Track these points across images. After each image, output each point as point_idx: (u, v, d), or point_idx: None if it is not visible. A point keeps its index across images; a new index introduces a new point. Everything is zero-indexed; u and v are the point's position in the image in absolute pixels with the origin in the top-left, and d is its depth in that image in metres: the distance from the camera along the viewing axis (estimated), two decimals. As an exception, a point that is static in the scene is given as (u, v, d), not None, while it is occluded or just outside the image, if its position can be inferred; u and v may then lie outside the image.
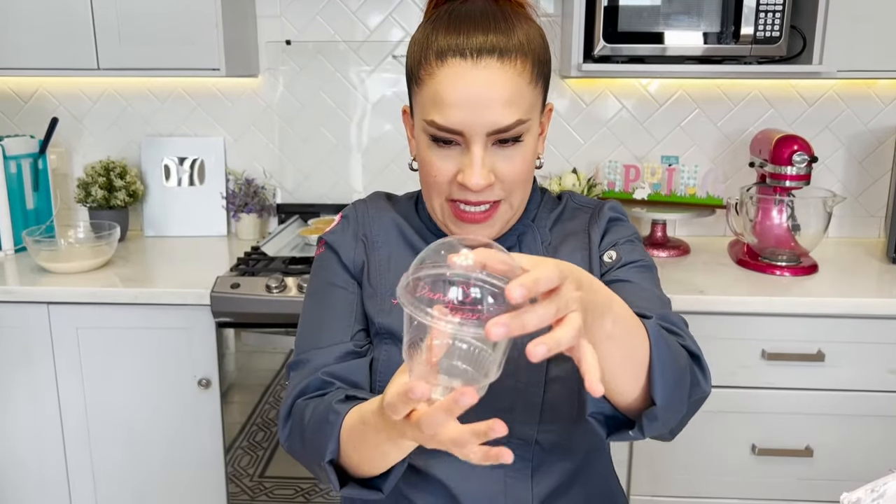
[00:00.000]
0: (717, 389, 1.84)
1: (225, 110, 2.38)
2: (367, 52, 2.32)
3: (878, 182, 2.32)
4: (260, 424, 1.95)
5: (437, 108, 0.87)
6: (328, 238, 1.03)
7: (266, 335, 1.88)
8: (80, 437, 1.97)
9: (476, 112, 0.85)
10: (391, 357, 0.94)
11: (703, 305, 1.80)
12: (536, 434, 0.92)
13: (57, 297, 1.89)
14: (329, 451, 0.82)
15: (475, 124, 0.86)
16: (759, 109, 2.29)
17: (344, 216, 1.04)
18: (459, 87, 0.86)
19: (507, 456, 0.66)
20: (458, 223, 0.92)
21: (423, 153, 0.91)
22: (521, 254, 0.65)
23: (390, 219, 1.02)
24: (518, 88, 0.87)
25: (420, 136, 0.92)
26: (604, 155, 2.34)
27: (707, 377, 0.86)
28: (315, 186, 2.42)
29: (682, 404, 0.81)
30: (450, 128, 0.86)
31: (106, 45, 2.03)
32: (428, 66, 0.88)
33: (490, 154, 0.88)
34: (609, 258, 0.96)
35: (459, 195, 0.90)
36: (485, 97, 0.85)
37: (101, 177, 2.26)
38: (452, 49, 0.87)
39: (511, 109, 0.86)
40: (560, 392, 0.92)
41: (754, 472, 1.90)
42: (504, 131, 0.87)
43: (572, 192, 1.06)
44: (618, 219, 1.01)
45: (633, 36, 1.96)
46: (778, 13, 1.92)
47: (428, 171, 0.91)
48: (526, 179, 0.91)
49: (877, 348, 1.82)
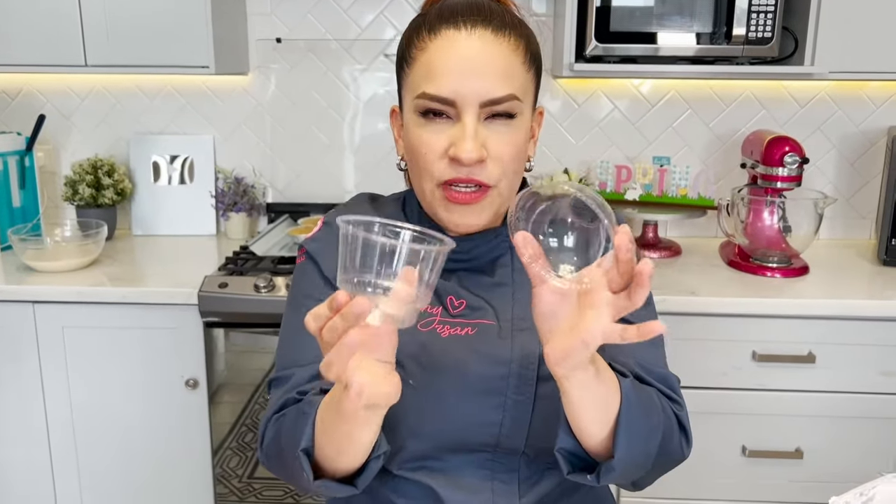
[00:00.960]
0: (708, 391, 1.84)
1: (215, 108, 2.37)
2: (358, 50, 2.31)
3: (869, 184, 2.32)
4: (249, 425, 1.94)
5: (428, 78, 0.86)
6: (309, 247, 0.99)
7: (254, 335, 1.87)
8: (66, 437, 1.95)
9: (469, 80, 0.84)
10: None
11: (694, 307, 1.80)
12: (524, 447, 0.91)
13: (43, 297, 1.87)
14: (304, 439, 0.80)
15: (468, 93, 0.84)
16: (750, 110, 2.29)
17: (326, 222, 1.01)
18: (452, 54, 0.85)
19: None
20: (449, 206, 0.89)
21: (413, 135, 0.89)
22: None
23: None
24: (511, 64, 0.87)
25: (410, 118, 0.90)
26: (595, 155, 2.33)
27: (690, 444, 0.89)
28: (306, 185, 2.40)
29: (646, 462, 0.82)
30: (442, 96, 0.85)
31: (94, 41, 2.01)
32: (420, 42, 0.88)
33: (482, 128, 0.86)
34: None
35: (451, 173, 0.87)
36: (478, 66, 0.84)
37: (89, 175, 2.24)
38: (445, 22, 0.87)
39: (504, 82, 0.85)
40: (549, 408, 0.90)
41: (745, 473, 1.90)
42: (497, 103, 0.85)
43: None
44: None
45: (625, 36, 1.95)
46: (770, 14, 1.92)
47: (418, 151, 0.88)
48: (516, 167, 0.90)
49: (867, 350, 1.82)
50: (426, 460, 0.92)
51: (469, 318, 0.92)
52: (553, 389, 0.89)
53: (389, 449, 0.83)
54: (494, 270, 0.95)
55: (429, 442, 0.90)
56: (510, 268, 0.95)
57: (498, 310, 0.93)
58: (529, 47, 0.90)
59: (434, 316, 0.92)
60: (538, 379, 0.90)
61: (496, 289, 0.94)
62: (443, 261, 0.69)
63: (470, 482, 0.91)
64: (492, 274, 0.95)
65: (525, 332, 0.91)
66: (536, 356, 0.90)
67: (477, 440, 0.90)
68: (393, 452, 0.90)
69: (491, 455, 0.91)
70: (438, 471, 0.92)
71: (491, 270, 0.95)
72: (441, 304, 0.93)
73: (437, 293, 0.93)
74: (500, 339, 0.91)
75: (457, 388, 0.89)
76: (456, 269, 0.95)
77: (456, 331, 0.91)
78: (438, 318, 0.92)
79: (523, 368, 0.90)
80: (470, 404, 0.89)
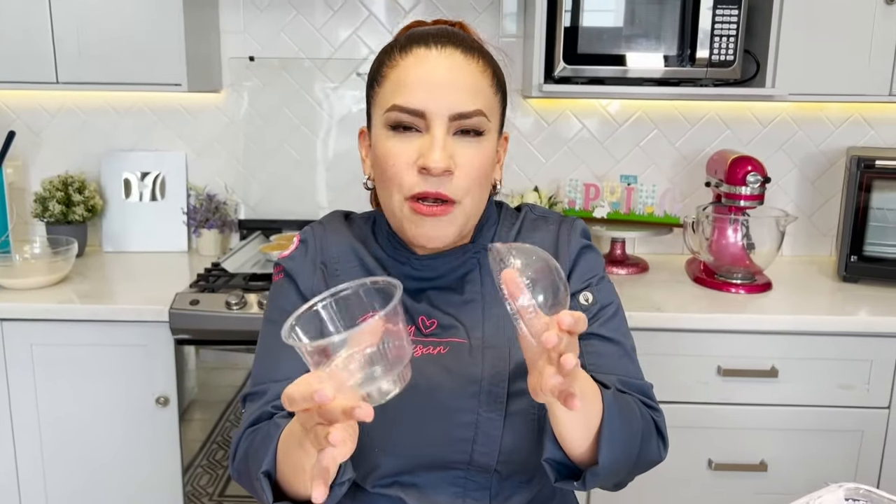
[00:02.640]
0: (674, 405, 1.88)
1: (187, 125, 2.37)
2: (331, 68, 2.33)
3: (829, 202, 2.38)
4: (220, 442, 1.93)
5: (399, 91, 0.88)
6: (286, 265, 1.01)
7: (225, 352, 1.87)
8: (34, 456, 1.93)
9: (438, 94, 0.87)
10: None
11: (660, 322, 1.83)
12: (496, 464, 0.93)
13: (11, 314, 1.86)
14: (266, 462, 0.82)
15: (438, 105, 0.87)
16: (715, 130, 2.35)
17: (302, 240, 1.02)
18: (422, 70, 0.88)
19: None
20: (416, 219, 0.90)
21: (382, 149, 0.91)
22: None
23: (347, 244, 1.01)
24: (479, 83, 0.90)
25: (379, 133, 0.92)
26: (565, 173, 2.38)
27: (666, 447, 0.94)
28: (278, 202, 2.41)
29: (628, 465, 0.86)
30: (412, 108, 0.87)
31: (65, 58, 2.01)
32: (391, 62, 0.91)
33: (451, 142, 0.88)
34: (585, 300, 0.97)
35: (420, 186, 0.88)
36: (447, 80, 0.87)
37: (59, 191, 2.23)
38: (417, 43, 0.90)
39: (473, 98, 0.88)
40: (520, 426, 0.92)
41: (711, 486, 1.93)
42: (465, 117, 0.88)
43: (531, 205, 1.07)
44: (589, 247, 1.01)
45: (592, 58, 2.00)
46: (732, 38, 1.97)
47: (386, 164, 0.90)
48: (481, 185, 0.92)
49: (828, 364, 1.87)
50: (400, 476, 0.93)
51: (441, 336, 0.95)
52: (523, 406, 0.91)
53: (354, 476, 0.84)
54: (464, 287, 0.97)
55: (402, 459, 0.92)
56: (479, 283, 0.97)
57: (469, 327, 0.95)
58: (496, 73, 0.93)
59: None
60: (508, 396, 0.92)
61: (466, 306, 0.96)
62: (399, 305, 0.71)
63: (442, 500, 0.93)
64: (461, 291, 0.97)
65: (494, 349, 0.93)
66: (506, 374, 0.92)
67: (450, 458, 0.92)
68: (367, 470, 0.92)
69: (464, 472, 0.93)
70: (411, 486, 0.94)
71: (461, 288, 0.97)
72: (413, 323, 0.95)
73: (410, 313, 0.95)
74: (471, 358, 0.93)
75: (429, 407, 0.91)
76: (426, 289, 0.97)
77: (429, 350, 0.94)
78: (411, 338, 0.94)
79: (494, 386, 0.92)
80: (442, 422, 0.91)
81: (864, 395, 1.87)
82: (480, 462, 0.92)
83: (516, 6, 2.30)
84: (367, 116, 0.98)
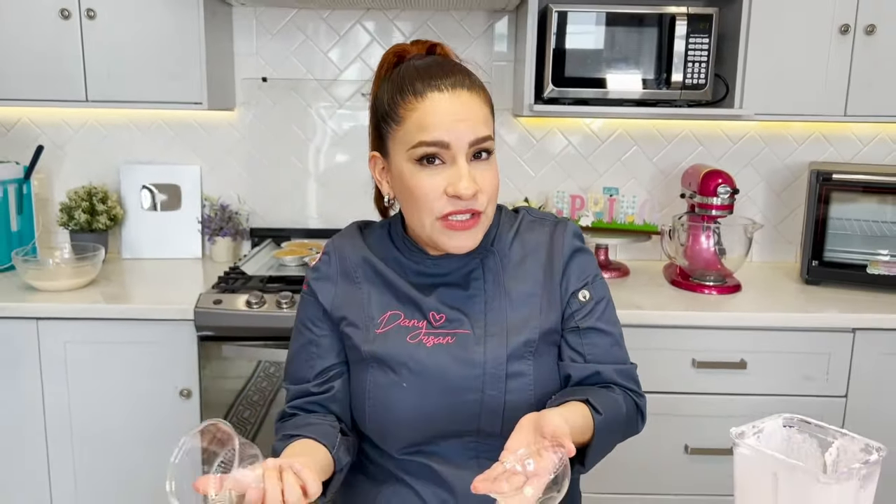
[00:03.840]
0: (653, 395, 2.04)
1: (202, 140, 2.55)
2: (336, 89, 2.52)
3: (794, 212, 2.60)
4: (234, 423, 2.07)
5: (423, 130, 1.04)
6: (310, 276, 1.19)
7: (244, 347, 2.03)
8: (64, 446, 2.08)
9: (459, 127, 1.04)
10: (376, 380, 1.12)
11: (640, 319, 2.03)
12: (500, 431, 1.10)
13: (46, 314, 2.01)
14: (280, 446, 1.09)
15: (460, 137, 1.03)
16: (689, 147, 2.57)
17: (326, 252, 1.19)
18: (441, 110, 1.04)
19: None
20: (450, 233, 1.06)
21: (411, 181, 1.06)
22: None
23: (363, 257, 1.17)
24: (484, 112, 1.08)
25: (404, 167, 1.06)
26: (552, 186, 2.58)
27: (644, 421, 1.17)
28: (286, 212, 2.60)
29: (609, 451, 1.09)
30: (438, 141, 1.03)
31: (95, 78, 2.18)
32: (406, 104, 1.06)
33: (471, 167, 1.05)
34: (584, 297, 1.15)
35: (450, 207, 1.05)
36: (464, 115, 1.04)
37: (84, 201, 2.39)
38: (429, 87, 1.05)
39: (484, 125, 1.06)
40: (518, 401, 1.10)
41: (687, 469, 2.12)
42: (482, 141, 1.05)
43: (528, 207, 1.25)
44: (581, 249, 1.18)
45: (578, 81, 2.20)
46: (703, 63, 2.19)
47: (418, 195, 1.05)
48: (496, 195, 1.10)
49: (791, 357, 2.07)
50: (421, 446, 1.12)
51: (448, 328, 1.12)
52: (520, 385, 1.10)
53: (350, 461, 1.10)
54: (469, 284, 1.14)
55: (421, 432, 1.11)
56: (482, 280, 1.14)
57: (472, 319, 1.12)
58: (489, 99, 1.12)
59: (420, 329, 1.12)
60: (507, 376, 1.10)
61: (470, 300, 1.13)
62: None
63: (459, 461, 1.12)
64: (466, 287, 1.14)
65: (495, 336, 1.11)
66: (504, 358, 1.10)
67: (461, 428, 1.11)
68: (393, 442, 1.12)
69: (474, 438, 1.12)
70: (432, 453, 1.12)
71: (466, 284, 1.14)
72: (425, 318, 1.13)
73: (421, 309, 1.13)
74: (475, 346, 1.11)
75: (441, 388, 1.09)
76: (437, 284, 1.14)
77: (438, 340, 1.11)
78: (424, 331, 1.11)
79: (494, 369, 1.10)
80: (451, 401, 1.09)
81: (823, 385, 2.07)
82: (487, 430, 1.11)
83: (506, 33, 2.50)
84: (378, 143, 1.14)
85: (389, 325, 1.12)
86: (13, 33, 2.15)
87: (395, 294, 1.14)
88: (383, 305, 1.13)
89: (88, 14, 2.15)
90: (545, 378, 1.12)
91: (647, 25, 2.18)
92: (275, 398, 2.07)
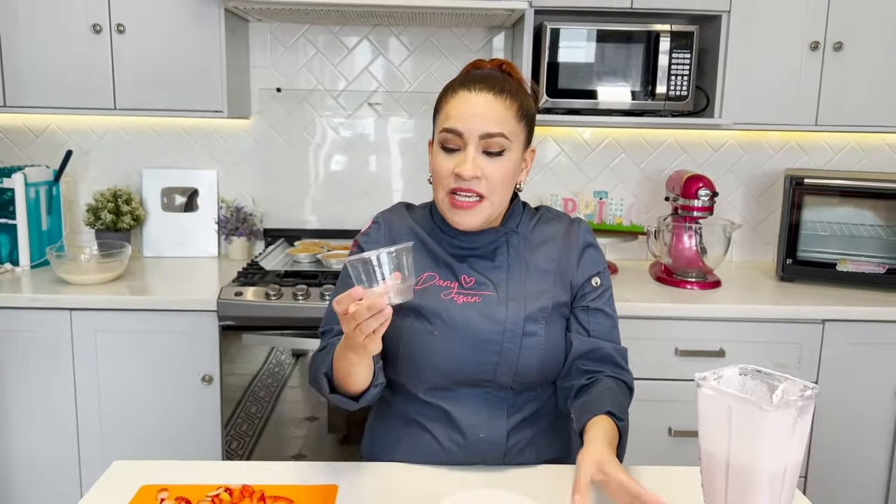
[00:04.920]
0: (640, 381, 2.17)
1: (219, 146, 2.72)
2: (346, 99, 2.71)
3: (771, 215, 2.79)
4: (252, 400, 2.22)
5: (448, 119, 1.27)
6: (361, 240, 1.38)
7: (262, 335, 2.20)
8: (94, 429, 2.24)
9: (472, 121, 1.25)
10: (412, 327, 1.30)
11: (628, 311, 2.20)
12: (511, 382, 1.30)
13: (78, 304, 2.18)
14: (325, 366, 1.23)
15: (472, 129, 1.25)
16: (673, 154, 2.76)
17: (375, 221, 1.40)
18: (463, 106, 1.27)
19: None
20: (453, 210, 1.28)
21: (434, 160, 1.29)
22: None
23: (408, 225, 1.38)
24: (504, 115, 1.27)
25: (436, 149, 1.29)
26: (546, 190, 2.76)
27: (632, 395, 1.37)
28: (298, 213, 2.77)
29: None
30: (454, 129, 1.25)
31: (123, 88, 2.36)
32: (446, 99, 1.30)
33: (480, 158, 1.25)
34: (595, 283, 1.37)
35: (455, 184, 1.26)
36: (479, 112, 1.25)
37: (110, 202, 2.56)
38: (463, 87, 1.29)
39: (497, 124, 1.26)
40: (530, 357, 1.30)
41: (672, 449, 2.29)
42: (491, 136, 1.25)
43: (547, 207, 1.45)
44: (592, 244, 1.39)
45: (570, 92, 2.39)
46: (685, 76, 2.38)
47: (437, 170, 1.29)
48: (504, 187, 1.28)
49: (766, 346, 2.24)
50: (441, 390, 1.30)
51: (476, 290, 1.32)
52: (533, 343, 1.28)
53: (385, 381, 1.27)
54: (495, 257, 1.34)
55: (444, 376, 1.29)
56: (506, 255, 1.34)
57: (497, 285, 1.32)
58: (522, 107, 1.30)
59: (452, 289, 1.32)
60: (523, 334, 1.29)
61: (496, 270, 1.33)
62: (410, 257, 1.10)
63: (473, 406, 1.30)
64: (493, 259, 1.34)
65: (515, 300, 1.31)
66: (522, 318, 1.29)
67: (478, 376, 1.29)
68: (419, 382, 1.30)
69: (488, 388, 1.30)
70: (450, 398, 1.31)
71: (492, 257, 1.34)
72: (457, 280, 1.32)
73: (454, 272, 1.33)
74: (498, 306, 1.30)
75: (466, 339, 1.28)
76: (468, 256, 1.34)
77: (467, 299, 1.31)
78: (455, 290, 1.31)
79: (513, 326, 1.29)
80: (474, 350, 1.28)
81: (795, 372, 2.25)
82: (500, 381, 1.29)
83: (503, 48, 2.69)
84: (433, 130, 1.35)
85: (427, 283, 1.31)
86: (49, 47, 2.33)
87: (434, 259, 1.33)
88: (423, 267, 1.33)
89: (118, 29, 2.33)
90: (554, 341, 1.31)
91: (634, 42, 2.37)
92: (280, 394, 2.23)
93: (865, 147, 2.75)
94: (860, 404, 2.27)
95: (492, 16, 2.35)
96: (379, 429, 1.40)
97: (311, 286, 2.20)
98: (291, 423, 2.24)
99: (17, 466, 2.25)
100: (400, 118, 2.73)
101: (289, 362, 2.23)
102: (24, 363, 2.20)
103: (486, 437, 1.30)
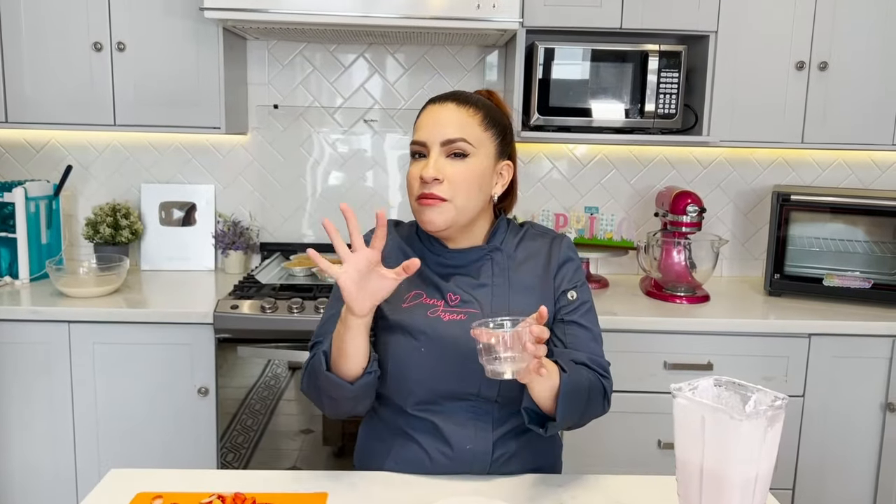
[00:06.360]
0: (628, 394, 2.27)
1: (216, 162, 2.77)
2: (341, 116, 2.76)
3: (759, 231, 2.84)
4: (248, 413, 2.26)
5: (416, 131, 1.35)
6: None
7: (258, 348, 2.23)
8: (91, 439, 2.27)
9: (434, 129, 1.32)
10: (399, 343, 1.34)
11: (617, 325, 2.24)
12: (496, 396, 1.34)
13: (76, 317, 2.21)
14: (325, 345, 1.28)
15: (434, 136, 1.32)
16: (663, 171, 2.81)
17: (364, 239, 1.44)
18: (427, 117, 1.35)
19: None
20: (421, 209, 1.32)
21: (408, 171, 1.36)
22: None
23: (395, 243, 1.42)
24: (467, 123, 1.33)
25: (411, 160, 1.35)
26: (538, 205, 2.81)
27: (609, 404, 1.39)
28: (294, 227, 2.81)
29: (575, 418, 1.30)
30: (418, 140, 1.33)
31: (123, 105, 2.41)
32: (419, 114, 1.37)
33: (442, 161, 1.31)
34: (572, 297, 1.40)
35: (420, 190, 1.31)
36: (441, 121, 1.32)
37: (109, 216, 2.60)
38: (430, 102, 1.36)
39: (458, 130, 1.32)
40: None
41: (660, 462, 2.32)
42: (451, 142, 1.31)
43: (532, 223, 1.49)
44: (573, 258, 1.43)
45: (561, 110, 2.44)
46: (673, 94, 2.43)
47: (408, 180, 1.35)
48: (467, 190, 1.31)
49: (753, 360, 2.28)
50: (429, 404, 1.34)
51: (462, 308, 1.36)
52: None
53: (378, 371, 1.30)
54: (479, 275, 1.38)
55: (430, 390, 1.33)
56: (490, 273, 1.38)
57: (481, 302, 1.36)
58: (487, 116, 1.35)
59: (439, 306, 1.36)
60: None
61: (480, 288, 1.37)
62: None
63: (459, 419, 1.34)
64: (477, 277, 1.38)
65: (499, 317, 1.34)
66: None
67: (463, 391, 1.33)
68: (407, 397, 1.33)
69: (474, 402, 1.34)
70: (437, 412, 1.35)
71: (477, 275, 1.38)
72: (443, 298, 1.36)
73: (440, 290, 1.37)
74: None
75: (451, 355, 1.32)
76: (454, 275, 1.38)
77: (452, 316, 1.35)
78: (441, 308, 1.35)
79: None
80: (459, 366, 1.32)
81: (783, 385, 2.29)
82: (485, 395, 1.33)
83: (496, 65, 2.75)
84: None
85: (414, 301, 1.36)
86: (50, 64, 2.38)
87: (420, 277, 1.37)
88: (410, 286, 1.36)
89: (119, 47, 2.38)
90: None
91: (623, 61, 2.42)
92: (276, 407, 2.27)
93: (852, 164, 2.81)
94: (846, 417, 2.30)
95: (485, 35, 2.40)
96: (369, 439, 1.44)
97: (306, 299, 2.23)
98: (287, 436, 2.27)
99: (15, 476, 2.28)
100: (395, 134, 2.78)
101: (284, 375, 2.26)
102: (23, 374, 2.23)
103: (472, 449, 1.33)
